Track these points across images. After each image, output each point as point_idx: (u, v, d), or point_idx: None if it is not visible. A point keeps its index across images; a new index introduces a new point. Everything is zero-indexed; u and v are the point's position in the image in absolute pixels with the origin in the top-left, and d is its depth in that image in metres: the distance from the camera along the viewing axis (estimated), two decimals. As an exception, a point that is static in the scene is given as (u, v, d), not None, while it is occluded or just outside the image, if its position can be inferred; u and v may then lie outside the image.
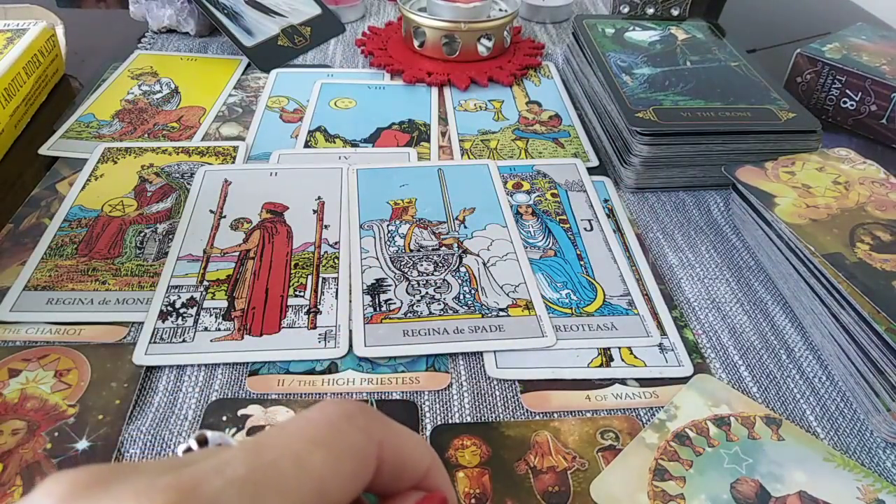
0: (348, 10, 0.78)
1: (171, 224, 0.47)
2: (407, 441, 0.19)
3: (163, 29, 0.73)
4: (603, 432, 0.35)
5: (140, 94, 0.62)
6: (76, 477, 0.15)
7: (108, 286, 0.42)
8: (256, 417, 0.35)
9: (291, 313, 0.40)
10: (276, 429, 0.17)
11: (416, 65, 0.66)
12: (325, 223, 0.47)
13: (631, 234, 0.48)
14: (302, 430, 0.17)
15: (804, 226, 0.41)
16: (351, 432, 0.18)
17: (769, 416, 0.35)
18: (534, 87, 0.66)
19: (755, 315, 0.42)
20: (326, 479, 0.16)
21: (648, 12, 0.72)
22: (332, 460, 0.17)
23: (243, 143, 0.56)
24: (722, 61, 0.60)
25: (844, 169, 0.47)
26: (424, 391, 0.37)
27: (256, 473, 0.16)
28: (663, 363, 0.39)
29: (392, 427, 0.19)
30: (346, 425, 0.18)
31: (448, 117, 0.61)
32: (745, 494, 0.32)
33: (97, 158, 0.53)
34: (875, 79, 0.58)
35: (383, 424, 0.19)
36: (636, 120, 0.51)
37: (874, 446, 0.35)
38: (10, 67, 0.55)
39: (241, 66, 0.67)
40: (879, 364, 0.35)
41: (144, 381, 0.37)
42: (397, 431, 0.19)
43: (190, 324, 0.40)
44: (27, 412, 0.34)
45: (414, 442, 0.20)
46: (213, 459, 0.16)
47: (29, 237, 0.46)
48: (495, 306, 0.41)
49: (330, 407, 0.18)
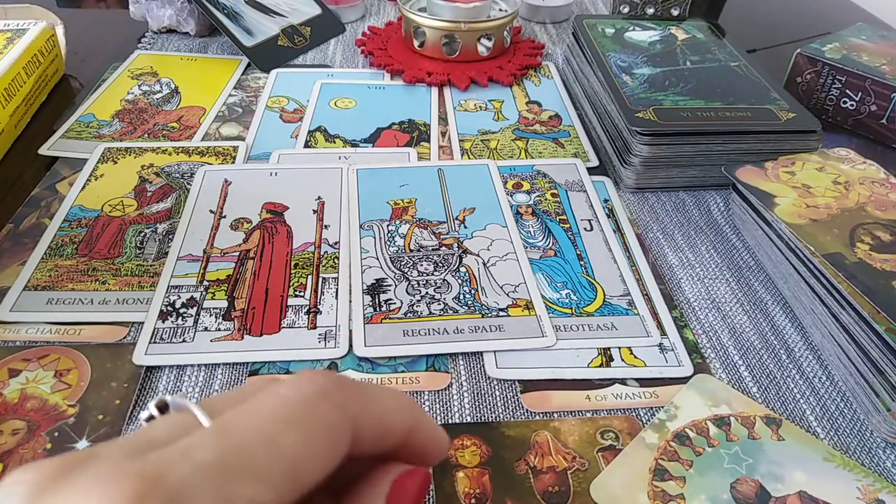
0: (348, 10, 0.78)
1: (171, 224, 0.47)
2: (386, 406, 0.19)
3: (163, 29, 0.73)
4: (603, 432, 0.35)
5: (140, 94, 0.62)
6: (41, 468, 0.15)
7: (108, 286, 0.42)
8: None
9: (291, 313, 0.40)
10: (248, 407, 0.17)
11: (416, 65, 0.66)
12: (325, 223, 0.47)
13: (631, 234, 0.48)
14: (274, 410, 0.17)
15: (804, 226, 0.41)
16: (326, 410, 0.17)
17: (769, 416, 0.35)
18: (534, 87, 0.66)
19: (755, 315, 0.42)
20: (300, 460, 0.16)
21: (648, 12, 0.72)
22: (305, 441, 0.16)
23: (243, 143, 0.56)
24: (722, 61, 0.60)
25: (844, 169, 0.47)
26: (424, 391, 0.37)
27: (226, 457, 0.15)
28: (663, 363, 0.39)
29: (368, 395, 0.19)
30: (321, 402, 0.17)
31: (448, 117, 0.61)
32: (745, 494, 0.32)
33: (97, 158, 0.53)
34: (875, 79, 0.58)
35: (360, 395, 0.18)
36: (636, 120, 0.51)
37: (874, 446, 0.35)
38: (10, 67, 0.55)
39: (241, 66, 0.67)
40: (879, 364, 0.35)
41: (144, 381, 0.37)
42: (374, 398, 0.19)
43: (190, 324, 0.40)
44: (27, 412, 0.34)
45: (394, 405, 0.19)
46: (180, 443, 0.15)
47: (29, 237, 0.46)
48: (495, 306, 0.41)
49: (305, 383, 0.18)
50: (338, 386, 0.18)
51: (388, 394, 0.19)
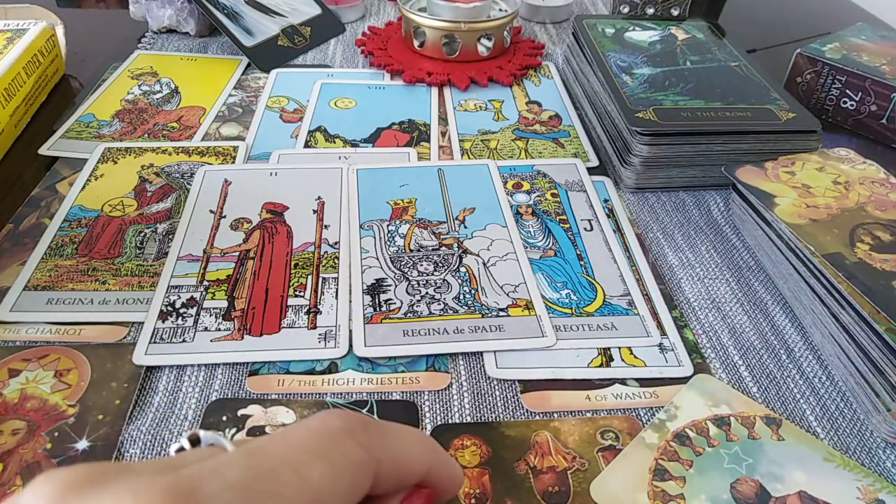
0: (348, 10, 0.78)
1: (171, 224, 0.47)
2: (407, 448, 0.20)
3: (163, 29, 0.73)
4: (603, 432, 0.35)
5: (140, 94, 0.62)
6: (68, 476, 0.15)
7: (108, 286, 0.42)
8: (256, 417, 0.35)
9: (291, 313, 0.40)
10: (277, 437, 0.17)
11: (416, 65, 0.66)
12: (325, 223, 0.47)
13: (631, 233, 0.48)
14: (303, 441, 0.17)
15: (804, 226, 0.41)
16: (351, 448, 0.18)
17: (769, 416, 0.35)
18: (534, 87, 0.66)
19: (755, 315, 0.42)
20: (324, 493, 0.16)
21: (648, 12, 0.72)
22: (330, 474, 0.17)
23: (243, 143, 0.56)
24: (722, 61, 0.60)
25: (844, 169, 0.47)
26: (424, 391, 0.37)
27: (255, 480, 0.16)
28: (663, 363, 0.39)
29: (391, 438, 0.19)
30: (348, 440, 0.18)
31: (448, 117, 0.61)
32: (745, 494, 0.32)
33: (97, 158, 0.53)
34: (875, 79, 0.58)
35: (383, 438, 0.19)
36: (636, 120, 0.51)
37: (874, 446, 0.35)
38: (10, 67, 0.55)
39: (241, 66, 0.67)
40: (879, 364, 0.35)
41: (144, 381, 0.37)
42: (396, 440, 0.19)
43: (190, 324, 0.40)
44: (27, 412, 0.34)
45: (415, 447, 0.20)
46: (211, 461, 0.16)
47: (29, 237, 0.46)
48: (495, 306, 0.41)
49: (332, 419, 0.18)
50: (363, 425, 0.19)
51: (409, 435, 0.20)
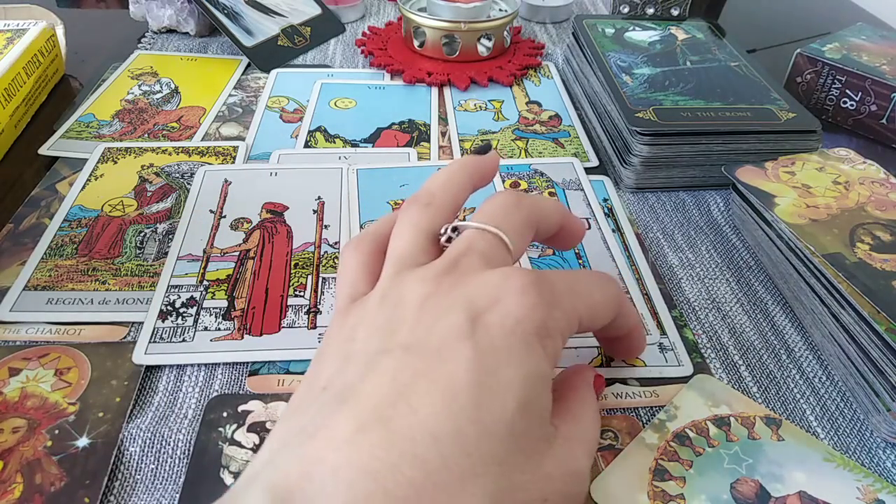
0: (348, 10, 0.78)
1: (171, 224, 0.47)
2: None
3: (163, 29, 0.73)
4: (603, 432, 0.35)
5: (140, 94, 0.62)
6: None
7: (108, 286, 0.42)
8: (257, 413, 0.35)
9: (291, 313, 0.40)
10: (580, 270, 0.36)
11: (416, 65, 0.66)
12: (325, 223, 0.47)
13: (630, 233, 0.48)
14: (594, 275, 0.32)
15: (804, 226, 0.41)
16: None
17: (769, 416, 0.35)
18: (534, 87, 0.66)
19: (755, 315, 0.42)
20: (598, 309, 0.30)
21: (648, 12, 0.72)
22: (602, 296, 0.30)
23: (243, 143, 0.56)
24: (722, 61, 0.60)
25: (844, 169, 0.47)
26: (424, 391, 0.37)
27: (574, 284, 0.29)
28: (663, 363, 0.39)
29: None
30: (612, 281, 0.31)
31: (448, 117, 0.61)
32: (745, 494, 0.32)
33: (97, 158, 0.53)
34: (875, 79, 0.58)
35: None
36: (636, 120, 0.51)
37: (874, 446, 0.35)
38: (10, 67, 0.55)
39: (241, 66, 0.67)
40: (879, 364, 0.35)
41: (144, 381, 0.37)
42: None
43: (190, 323, 0.40)
44: (27, 410, 0.34)
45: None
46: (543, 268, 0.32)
47: (29, 237, 0.46)
48: (495, 306, 0.41)
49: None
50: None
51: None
